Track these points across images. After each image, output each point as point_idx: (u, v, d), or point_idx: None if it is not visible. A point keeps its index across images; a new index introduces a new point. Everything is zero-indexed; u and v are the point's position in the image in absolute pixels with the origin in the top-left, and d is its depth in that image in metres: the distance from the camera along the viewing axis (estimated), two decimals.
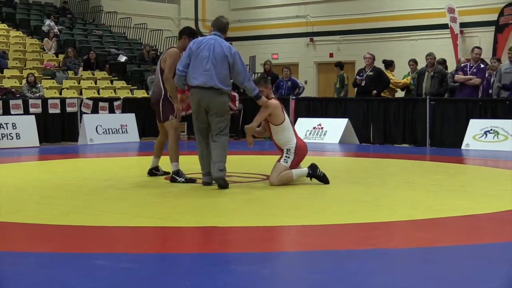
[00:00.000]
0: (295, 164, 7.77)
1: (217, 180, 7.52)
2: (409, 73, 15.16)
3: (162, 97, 8.14)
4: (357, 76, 15.19)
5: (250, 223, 5.71)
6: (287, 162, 7.74)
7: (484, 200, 6.83)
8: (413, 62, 15.17)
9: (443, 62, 14.76)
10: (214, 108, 7.51)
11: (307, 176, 7.84)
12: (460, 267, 4.28)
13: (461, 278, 4.02)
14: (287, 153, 7.75)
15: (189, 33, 8.24)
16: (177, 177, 8.01)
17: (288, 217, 6.02)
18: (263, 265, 4.38)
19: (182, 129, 17.07)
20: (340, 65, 17.07)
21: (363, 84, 14.91)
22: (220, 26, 7.78)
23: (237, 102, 15.96)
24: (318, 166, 7.88)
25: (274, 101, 7.84)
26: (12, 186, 7.99)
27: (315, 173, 7.75)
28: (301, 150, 7.79)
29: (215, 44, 7.55)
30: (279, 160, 7.82)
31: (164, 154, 8.52)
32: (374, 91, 14.80)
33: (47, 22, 20.87)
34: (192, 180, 8.04)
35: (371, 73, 14.86)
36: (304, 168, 7.82)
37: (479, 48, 14.19)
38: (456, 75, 13.96)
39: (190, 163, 8.85)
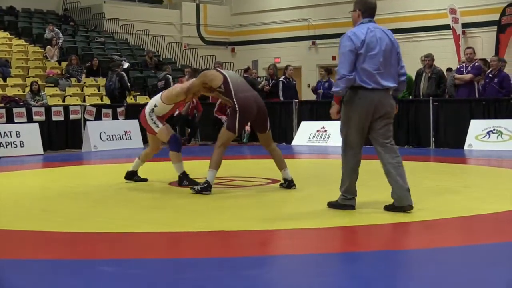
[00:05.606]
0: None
1: (408, 207, 6.07)
2: None
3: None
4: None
5: (256, 226, 5.71)
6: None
7: (489, 200, 6.82)
8: None
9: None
10: (387, 111, 6.15)
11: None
12: (465, 268, 4.28)
13: (465, 279, 4.01)
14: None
15: None
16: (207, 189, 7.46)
17: (293, 220, 6.01)
18: (270, 268, 4.39)
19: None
20: None
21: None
22: (373, 10, 6.30)
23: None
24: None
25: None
26: (16, 194, 8.00)
27: (185, 179, 8.15)
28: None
29: (382, 34, 6.23)
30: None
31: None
32: None
33: (50, 28, 20.83)
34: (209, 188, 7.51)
35: None
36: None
37: (469, 48, 14.36)
38: (455, 75, 14.02)
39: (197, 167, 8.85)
